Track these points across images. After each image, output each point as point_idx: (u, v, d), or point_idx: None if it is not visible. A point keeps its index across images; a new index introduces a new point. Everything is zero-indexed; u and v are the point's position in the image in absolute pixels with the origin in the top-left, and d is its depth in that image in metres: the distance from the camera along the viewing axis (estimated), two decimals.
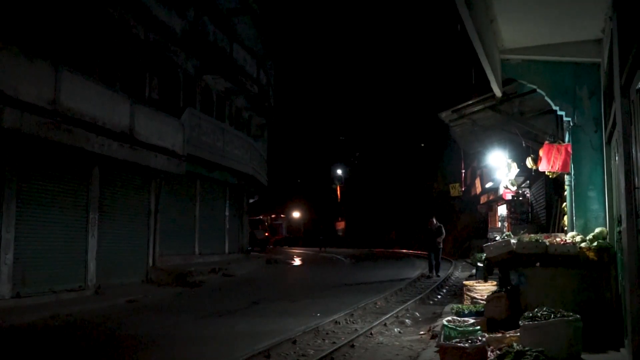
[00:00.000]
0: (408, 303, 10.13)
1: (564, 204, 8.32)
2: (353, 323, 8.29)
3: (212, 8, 18.16)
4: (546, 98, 6.85)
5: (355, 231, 48.39)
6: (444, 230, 15.74)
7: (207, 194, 18.19)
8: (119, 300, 10.92)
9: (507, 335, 5.28)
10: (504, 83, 7.33)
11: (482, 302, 7.54)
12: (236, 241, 21.20)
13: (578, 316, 4.78)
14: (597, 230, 6.09)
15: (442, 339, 4.90)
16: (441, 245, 15.76)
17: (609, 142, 5.98)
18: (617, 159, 5.02)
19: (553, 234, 7.32)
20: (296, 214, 52.15)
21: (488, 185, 23.84)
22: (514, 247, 6.20)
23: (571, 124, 6.67)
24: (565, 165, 6.94)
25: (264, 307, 10.16)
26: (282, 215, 49.30)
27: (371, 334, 7.40)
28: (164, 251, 14.97)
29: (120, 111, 12.07)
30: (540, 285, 5.88)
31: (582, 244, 5.93)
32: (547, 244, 6.07)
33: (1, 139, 9.37)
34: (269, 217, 47.18)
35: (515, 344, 4.64)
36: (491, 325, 6.00)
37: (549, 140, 7.58)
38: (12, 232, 9.76)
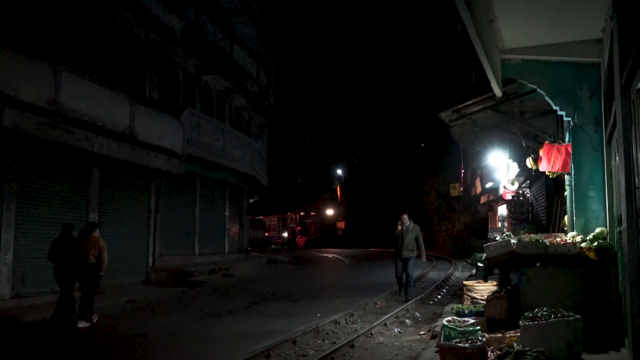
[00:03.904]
0: (408, 303, 10.12)
1: (564, 204, 8.32)
2: (353, 323, 8.29)
3: (211, 8, 18.15)
4: (546, 98, 6.85)
5: (355, 231, 48.26)
6: (420, 233, 11.15)
7: (207, 194, 18.19)
8: (118, 301, 10.91)
9: (507, 336, 5.28)
10: (504, 83, 7.32)
11: (482, 302, 7.54)
12: (236, 241, 21.19)
13: (578, 316, 4.78)
14: (597, 230, 6.09)
15: (442, 339, 4.90)
16: (414, 254, 10.84)
17: (609, 142, 5.97)
18: (617, 159, 5.01)
19: (553, 234, 7.31)
20: (329, 212, 48.70)
21: (488, 185, 23.86)
22: (514, 247, 6.20)
23: (571, 124, 6.67)
24: (565, 165, 6.94)
25: (264, 307, 10.16)
26: (312, 213, 45.96)
27: (371, 334, 7.39)
28: (164, 251, 14.96)
29: (120, 111, 12.07)
30: (540, 285, 5.88)
31: (582, 244, 5.93)
32: (547, 244, 6.06)
33: (1, 139, 9.37)
34: (297, 215, 44.48)
35: (515, 344, 4.64)
36: (491, 325, 6.00)
37: (549, 140, 7.57)
38: (12, 232, 9.76)
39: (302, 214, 45.11)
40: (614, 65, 4.78)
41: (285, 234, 46.08)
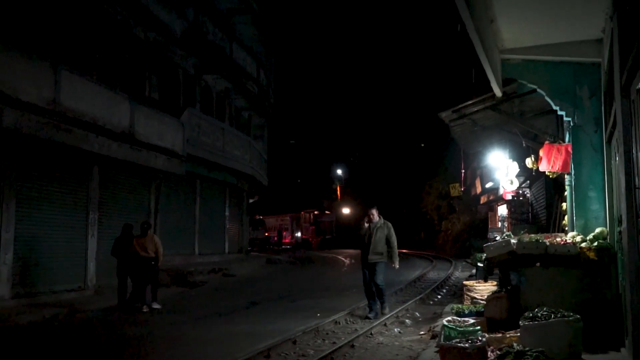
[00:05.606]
0: (408, 303, 10.12)
1: (564, 204, 8.31)
2: (353, 323, 8.28)
3: (211, 8, 18.16)
4: (546, 98, 6.84)
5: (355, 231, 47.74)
6: (392, 230, 8.92)
7: (207, 194, 18.19)
8: None
9: (507, 336, 5.28)
10: (504, 83, 7.31)
11: (482, 302, 7.53)
12: (236, 241, 21.20)
13: (578, 316, 4.78)
14: (598, 230, 6.08)
15: (442, 339, 4.89)
16: (384, 258, 8.73)
17: (609, 142, 5.97)
18: (618, 159, 5.01)
19: (553, 234, 7.31)
20: (346, 210, 45.81)
21: (488, 185, 23.87)
22: (514, 247, 6.19)
23: (571, 124, 6.66)
24: (565, 165, 6.93)
25: (264, 307, 10.16)
26: (327, 212, 43.37)
27: (371, 334, 7.39)
28: (163, 251, 14.92)
29: (120, 111, 12.08)
30: (540, 285, 5.87)
31: (582, 244, 5.92)
32: (547, 244, 6.06)
33: (1, 139, 9.37)
34: (310, 214, 42.50)
35: (515, 344, 4.63)
36: (491, 325, 5.99)
37: (549, 140, 7.57)
38: (12, 232, 9.75)
39: (316, 212, 42.62)
40: (614, 65, 4.78)
41: (299, 234, 43.62)
